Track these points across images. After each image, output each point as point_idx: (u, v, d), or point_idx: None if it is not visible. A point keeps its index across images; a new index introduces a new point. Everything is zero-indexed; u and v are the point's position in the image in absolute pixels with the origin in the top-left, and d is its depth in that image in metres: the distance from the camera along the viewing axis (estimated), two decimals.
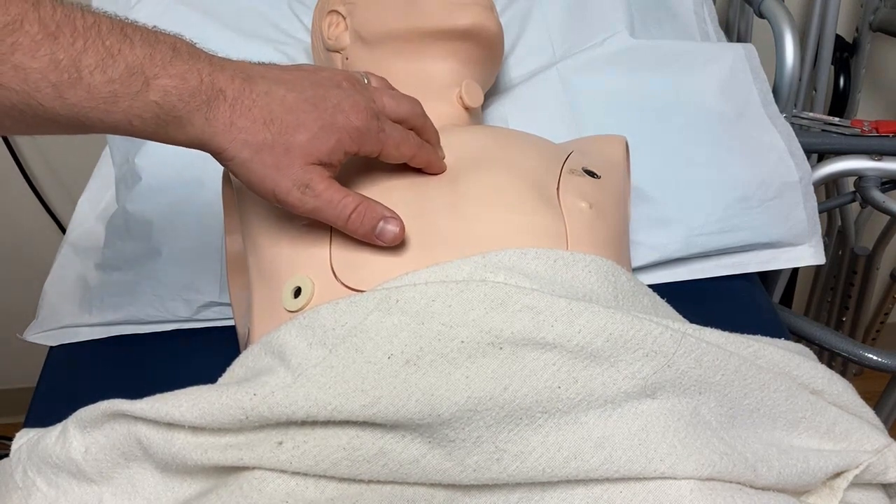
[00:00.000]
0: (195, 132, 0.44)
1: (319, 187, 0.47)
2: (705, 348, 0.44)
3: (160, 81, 0.42)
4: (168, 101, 0.42)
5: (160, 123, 0.43)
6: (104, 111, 0.41)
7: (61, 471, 0.46)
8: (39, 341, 0.73)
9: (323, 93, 0.48)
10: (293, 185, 0.46)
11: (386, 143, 0.50)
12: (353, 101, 0.49)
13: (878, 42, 1.18)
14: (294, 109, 0.46)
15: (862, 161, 0.85)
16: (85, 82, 0.40)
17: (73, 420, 0.46)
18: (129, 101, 0.41)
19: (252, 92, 0.45)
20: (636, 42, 0.82)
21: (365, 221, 0.48)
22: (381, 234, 0.49)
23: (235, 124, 0.45)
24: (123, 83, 0.41)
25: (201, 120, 0.44)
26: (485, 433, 0.41)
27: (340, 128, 0.47)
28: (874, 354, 0.79)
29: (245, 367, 0.47)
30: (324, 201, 0.47)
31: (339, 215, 0.48)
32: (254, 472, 0.42)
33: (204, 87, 0.44)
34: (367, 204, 0.49)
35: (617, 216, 0.58)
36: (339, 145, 0.47)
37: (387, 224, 0.49)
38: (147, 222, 0.74)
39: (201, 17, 0.85)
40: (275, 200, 0.47)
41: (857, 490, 0.47)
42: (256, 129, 0.45)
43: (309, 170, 0.47)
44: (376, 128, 0.49)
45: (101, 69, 0.40)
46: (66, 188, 1.25)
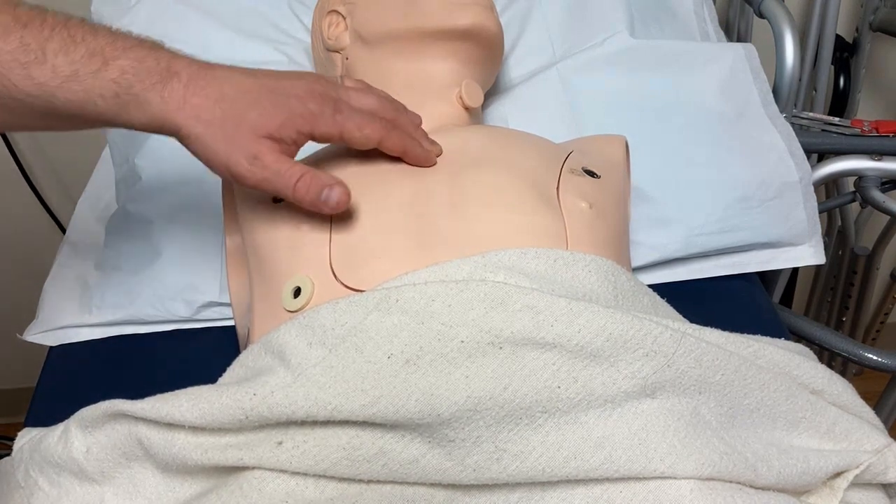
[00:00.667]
0: (152, 110, 0.47)
1: (268, 159, 0.49)
2: (705, 348, 0.44)
3: (118, 62, 0.46)
4: (125, 78, 0.46)
5: (121, 103, 0.46)
6: (68, 90, 0.45)
7: (63, 470, 0.46)
8: (39, 341, 0.73)
9: (279, 82, 0.51)
10: (242, 157, 0.48)
11: (345, 125, 0.51)
12: (310, 87, 0.51)
13: (878, 42, 1.18)
14: (248, 91, 0.49)
15: (862, 161, 0.85)
16: (49, 63, 0.45)
17: (75, 420, 0.46)
18: (91, 80, 0.45)
19: (207, 75, 0.49)
20: (636, 42, 0.81)
21: (311, 189, 0.50)
22: (326, 201, 0.50)
23: (189, 101, 0.47)
24: (84, 63, 0.45)
25: (157, 98, 0.47)
26: (485, 433, 0.41)
27: (292, 108, 0.50)
28: (874, 354, 0.79)
29: (245, 367, 0.47)
30: (271, 172, 0.49)
31: (286, 184, 0.49)
32: (253, 472, 0.42)
33: (160, 68, 0.47)
34: (313, 173, 0.50)
35: (617, 216, 0.58)
36: (290, 122, 0.49)
37: (331, 192, 0.50)
38: (147, 222, 0.74)
39: (201, 17, 0.85)
40: (227, 173, 0.49)
41: (857, 490, 0.47)
42: (208, 105, 0.48)
43: (258, 142, 0.49)
44: (331, 111, 0.51)
45: (63, 52, 0.45)
46: (66, 188, 1.25)
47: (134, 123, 0.48)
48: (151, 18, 0.85)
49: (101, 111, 0.47)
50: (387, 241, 0.51)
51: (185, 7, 0.86)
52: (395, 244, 0.50)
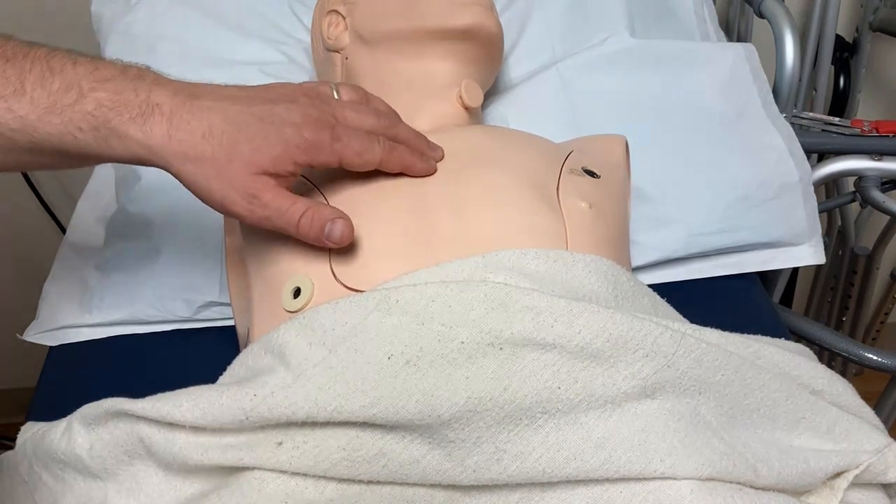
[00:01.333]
0: (134, 146, 0.45)
1: (266, 197, 0.47)
2: (705, 348, 0.44)
3: (95, 94, 0.45)
4: (101, 112, 0.45)
5: (100, 137, 0.45)
6: (47, 122, 0.44)
7: (67, 466, 0.46)
8: (39, 341, 0.73)
9: (271, 108, 0.48)
10: (239, 197, 0.47)
11: (344, 154, 0.50)
12: (304, 113, 0.49)
13: (878, 42, 1.17)
14: (237, 122, 0.47)
15: (862, 161, 0.85)
16: (28, 95, 0.44)
17: (78, 416, 0.46)
18: (69, 113, 0.44)
19: (192, 106, 0.46)
20: (636, 42, 0.81)
21: (314, 225, 0.48)
22: (329, 236, 0.49)
23: (174, 137, 0.45)
24: (60, 96, 0.44)
25: (137, 133, 0.45)
26: (485, 434, 0.41)
27: (287, 139, 0.47)
28: (874, 354, 0.79)
29: (245, 367, 0.47)
30: (272, 210, 0.47)
31: (288, 222, 0.48)
32: (253, 472, 0.42)
33: (139, 100, 0.45)
34: (315, 208, 0.49)
35: (617, 216, 0.58)
36: (286, 155, 0.47)
37: (334, 225, 0.49)
38: (147, 222, 0.74)
39: (201, 17, 0.85)
40: (224, 212, 0.48)
41: (857, 490, 0.47)
42: (195, 141, 0.46)
43: (254, 179, 0.47)
44: (329, 139, 0.49)
45: (41, 84, 0.44)
46: (66, 188, 1.25)
47: (120, 157, 0.46)
48: (151, 18, 0.85)
49: (83, 145, 0.45)
50: (387, 241, 0.51)
51: (185, 7, 0.86)
52: (395, 244, 0.50)
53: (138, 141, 0.45)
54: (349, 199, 0.53)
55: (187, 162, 0.46)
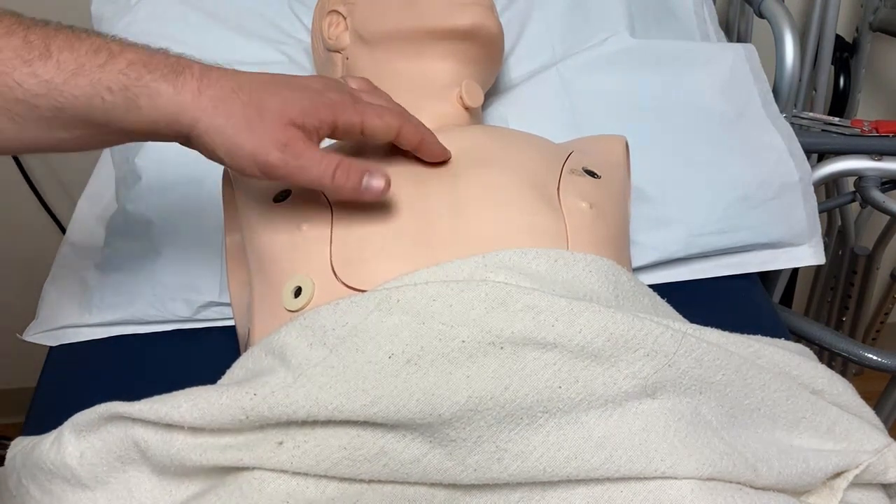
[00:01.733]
0: (164, 103, 0.45)
1: (299, 146, 0.47)
2: (706, 348, 0.44)
3: (126, 55, 0.45)
4: (134, 69, 0.44)
5: (130, 97, 0.45)
6: (74, 85, 0.44)
7: (55, 477, 0.45)
8: (39, 341, 0.73)
9: (292, 77, 0.50)
10: (272, 146, 0.46)
11: (366, 113, 0.50)
12: (325, 81, 0.50)
13: (878, 42, 1.18)
14: (264, 82, 0.48)
15: (862, 161, 0.85)
16: (54, 58, 0.43)
17: (69, 425, 0.46)
18: (97, 73, 0.44)
19: (220, 69, 0.47)
20: (636, 42, 0.82)
21: (351, 177, 0.48)
22: (367, 189, 0.49)
23: (204, 93, 0.46)
24: (90, 57, 0.44)
25: (169, 89, 0.45)
26: (486, 433, 0.41)
27: (313, 97, 0.48)
28: (874, 354, 0.79)
29: (245, 369, 0.47)
30: (307, 159, 0.47)
31: (323, 173, 0.47)
32: (253, 472, 0.42)
33: (170, 61, 0.46)
34: (349, 160, 0.48)
35: (617, 216, 0.58)
36: (314, 110, 0.48)
37: (371, 178, 0.48)
38: (147, 222, 0.74)
39: (201, 17, 0.85)
40: (255, 166, 0.47)
41: (857, 490, 0.47)
42: (226, 95, 0.46)
43: (286, 129, 0.47)
44: (351, 100, 0.50)
45: (69, 48, 0.44)
46: (66, 188, 1.25)
47: (143, 121, 0.46)
48: (151, 18, 0.85)
49: (109, 107, 0.44)
50: (387, 240, 0.51)
51: (185, 7, 0.86)
52: (395, 244, 0.50)
53: (170, 97, 0.45)
54: None
55: (217, 115, 0.45)
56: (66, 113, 0.44)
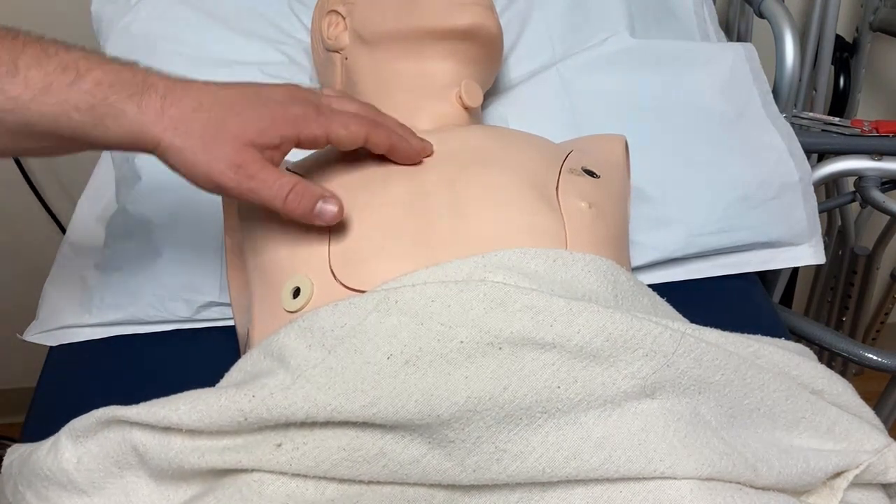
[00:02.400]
0: (128, 122, 0.46)
1: (253, 168, 0.47)
2: (705, 348, 0.44)
3: (93, 74, 0.45)
4: (100, 90, 0.45)
5: (96, 116, 0.45)
6: (42, 102, 0.44)
7: (52, 483, 0.45)
8: (39, 341, 0.73)
9: (257, 89, 0.50)
10: (226, 167, 0.47)
11: (330, 126, 0.50)
12: (290, 93, 0.50)
13: (878, 42, 1.18)
14: (226, 99, 0.48)
15: (862, 161, 0.85)
16: (21, 75, 0.44)
17: (66, 431, 0.46)
18: (65, 93, 0.44)
19: (185, 86, 0.48)
20: (636, 42, 0.82)
21: (303, 202, 0.48)
22: (320, 214, 0.49)
23: (167, 112, 0.46)
24: (57, 76, 0.44)
25: (134, 109, 0.46)
26: (484, 433, 0.41)
27: (274, 113, 0.48)
28: (874, 354, 0.79)
29: (244, 372, 0.47)
30: (259, 182, 0.47)
31: (275, 195, 0.48)
32: (252, 474, 0.42)
33: (136, 80, 0.46)
34: (304, 184, 0.49)
35: (616, 216, 0.58)
36: (273, 127, 0.48)
37: (325, 204, 0.49)
38: (147, 222, 0.74)
39: (201, 17, 0.85)
40: (210, 184, 0.48)
41: (857, 490, 0.47)
42: (186, 115, 0.46)
43: (242, 150, 0.47)
44: (315, 112, 0.50)
45: (36, 65, 0.44)
46: (66, 188, 1.25)
47: (109, 138, 0.46)
48: (151, 18, 0.85)
49: (76, 125, 0.45)
50: (386, 241, 0.51)
51: (185, 7, 0.86)
52: (394, 244, 0.50)
53: (133, 117, 0.46)
54: (348, 198, 0.53)
55: (176, 136, 0.46)
56: (33, 128, 0.45)
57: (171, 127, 0.46)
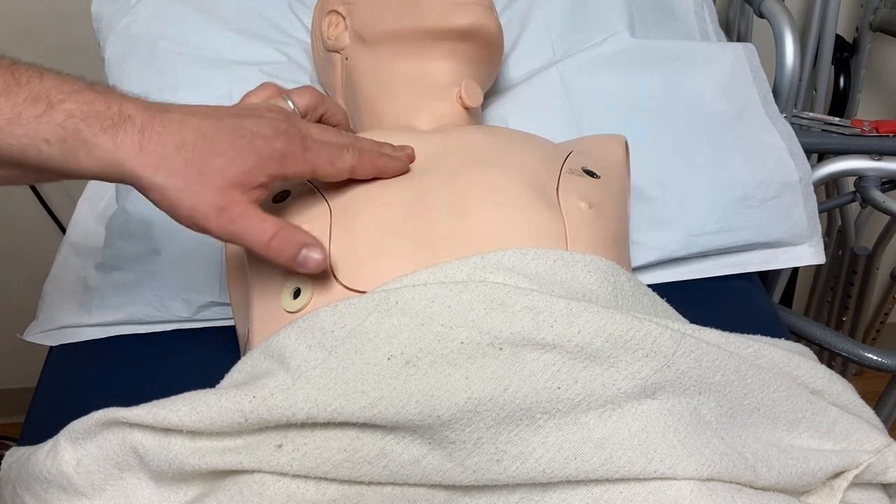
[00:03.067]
0: (104, 156, 0.43)
1: (235, 211, 0.45)
2: (705, 348, 0.44)
3: (64, 105, 0.42)
4: (71, 122, 0.42)
5: (68, 149, 0.43)
6: (9, 133, 0.42)
7: (51, 486, 0.45)
8: (39, 341, 0.73)
9: (240, 121, 0.47)
10: (209, 209, 0.45)
11: (316, 162, 0.49)
12: (275, 126, 0.48)
13: (878, 42, 1.18)
14: (209, 135, 0.45)
15: (862, 161, 0.86)
16: None
17: (65, 433, 0.45)
18: (35, 124, 0.42)
19: (164, 119, 0.45)
20: (636, 42, 0.82)
21: (286, 248, 0.47)
22: (303, 262, 0.47)
23: (145, 149, 0.43)
24: (27, 107, 0.42)
25: (108, 143, 0.43)
26: (485, 434, 0.41)
27: (259, 151, 0.46)
28: (874, 354, 0.79)
29: (244, 373, 0.47)
30: (241, 225, 0.46)
31: (258, 241, 0.46)
32: (253, 475, 0.42)
33: (111, 112, 0.43)
34: (288, 230, 0.47)
35: (617, 216, 0.58)
36: (260, 167, 0.46)
37: (310, 252, 0.47)
38: (147, 222, 0.74)
39: (201, 17, 0.85)
40: (193, 226, 0.46)
41: (857, 490, 0.48)
42: (168, 153, 0.44)
43: (224, 193, 0.45)
44: (300, 148, 0.48)
45: (5, 94, 0.41)
46: (66, 188, 1.25)
47: (83, 170, 0.44)
48: (151, 18, 0.85)
49: (46, 157, 0.42)
50: (386, 241, 0.51)
51: (185, 7, 0.86)
52: (394, 245, 0.50)
53: (108, 152, 0.43)
54: (349, 199, 0.53)
55: (158, 174, 0.44)
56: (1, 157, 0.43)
57: (151, 164, 0.44)
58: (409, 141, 0.57)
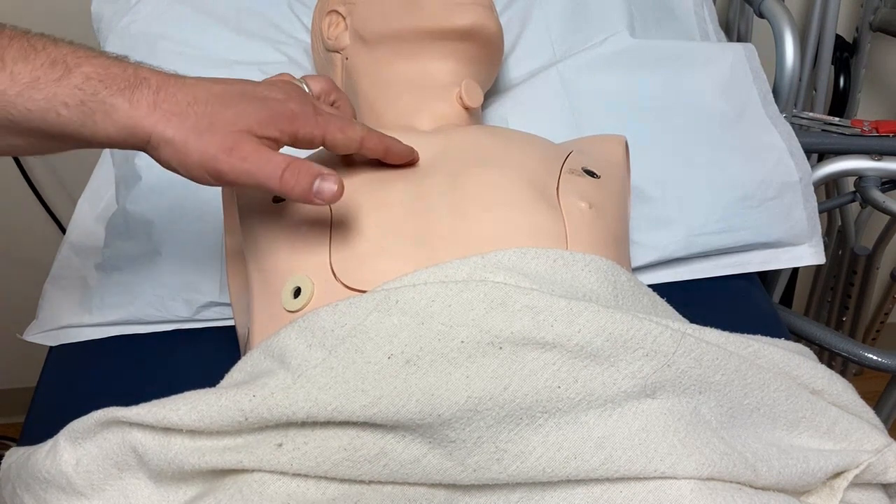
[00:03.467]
0: (120, 118, 0.44)
1: (246, 149, 0.45)
2: (705, 348, 0.44)
3: (82, 68, 0.44)
4: (90, 84, 0.43)
5: (86, 111, 0.43)
6: (28, 98, 0.42)
7: (50, 486, 0.45)
8: (39, 341, 0.73)
9: (253, 87, 0.48)
10: (219, 151, 0.45)
11: (328, 127, 0.49)
12: (287, 91, 0.49)
13: (878, 42, 1.18)
14: (221, 94, 0.46)
15: (862, 161, 0.86)
16: (8, 70, 0.42)
17: (65, 433, 0.45)
18: (53, 88, 0.43)
19: (179, 81, 0.46)
20: (636, 42, 0.82)
21: (300, 179, 0.46)
22: (319, 193, 0.46)
23: (160, 106, 0.45)
24: (45, 71, 0.43)
25: (125, 104, 0.44)
26: (485, 433, 0.41)
27: (273, 107, 0.47)
28: (874, 354, 0.79)
29: (244, 373, 0.47)
30: (252, 162, 0.45)
31: (270, 175, 0.45)
32: (253, 474, 0.42)
33: (127, 74, 0.45)
34: (301, 162, 0.46)
35: (617, 216, 0.58)
36: (272, 120, 0.47)
37: (324, 181, 0.46)
38: (147, 222, 0.74)
39: (201, 17, 0.85)
40: (204, 172, 0.46)
41: (857, 490, 0.47)
42: (180, 109, 0.45)
43: (234, 135, 0.45)
44: (313, 111, 0.49)
45: (23, 59, 0.43)
46: (66, 188, 1.25)
47: (99, 134, 0.44)
48: (151, 18, 0.85)
49: (65, 121, 0.43)
50: (387, 241, 0.51)
51: (185, 7, 0.86)
52: (395, 244, 0.50)
53: (125, 112, 0.44)
54: (349, 198, 0.53)
55: (168, 127, 0.44)
56: (19, 124, 0.43)
57: (164, 120, 0.44)
58: (409, 141, 0.57)
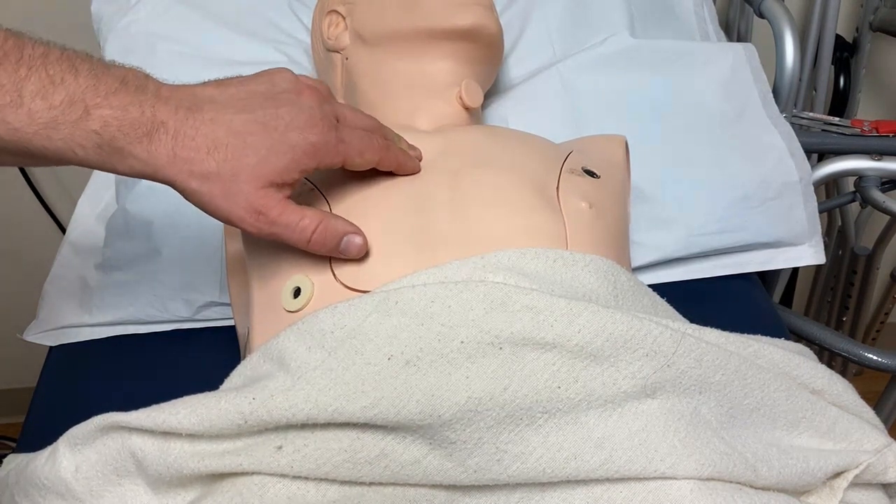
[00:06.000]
0: (138, 164, 0.44)
1: (274, 212, 0.46)
2: (705, 348, 0.44)
3: (101, 111, 0.42)
4: (108, 131, 0.42)
5: (102, 154, 0.43)
6: (45, 137, 0.42)
7: (49, 492, 0.45)
8: (39, 341, 0.73)
9: (275, 111, 0.46)
10: (245, 213, 0.45)
11: (348, 153, 0.49)
12: (309, 115, 0.47)
13: (878, 42, 1.18)
14: (241, 132, 0.45)
15: (862, 161, 0.86)
16: (26, 107, 0.41)
17: (65, 439, 0.45)
18: (70, 129, 0.42)
19: (195, 121, 0.44)
20: (636, 42, 0.82)
21: (328, 241, 0.48)
22: (346, 250, 0.48)
23: (179, 156, 0.44)
24: (63, 110, 0.41)
25: (143, 153, 0.43)
26: (485, 434, 0.41)
27: (294, 146, 0.46)
28: (874, 354, 0.79)
29: (244, 377, 0.47)
30: (281, 226, 0.46)
31: (299, 238, 0.47)
32: (253, 477, 0.42)
33: (145, 118, 0.43)
34: (327, 222, 0.48)
35: (617, 216, 0.58)
36: (294, 164, 0.46)
37: (351, 240, 0.48)
38: (147, 222, 0.74)
39: (201, 17, 0.85)
40: (232, 226, 0.47)
41: (857, 490, 0.47)
42: (200, 158, 0.44)
43: (261, 194, 0.45)
44: (335, 140, 0.48)
45: (41, 95, 0.41)
46: (66, 188, 1.25)
47: (118, 171, 0.44)
48: (151, 18, 0.85)
49: (81, 160, 0.43)
50: (387, 241, 0.51)
51: (185, 7, 0.86)
52: (395, 244, 0.50)
53: (143, 160, 0.43)
54: (349, 199, 0.53)
55: (192, 179, 0.44)
56: (35, 155, 0.43)
57: (185, 171, 0.44)
58: (409, 141, 0.57)
